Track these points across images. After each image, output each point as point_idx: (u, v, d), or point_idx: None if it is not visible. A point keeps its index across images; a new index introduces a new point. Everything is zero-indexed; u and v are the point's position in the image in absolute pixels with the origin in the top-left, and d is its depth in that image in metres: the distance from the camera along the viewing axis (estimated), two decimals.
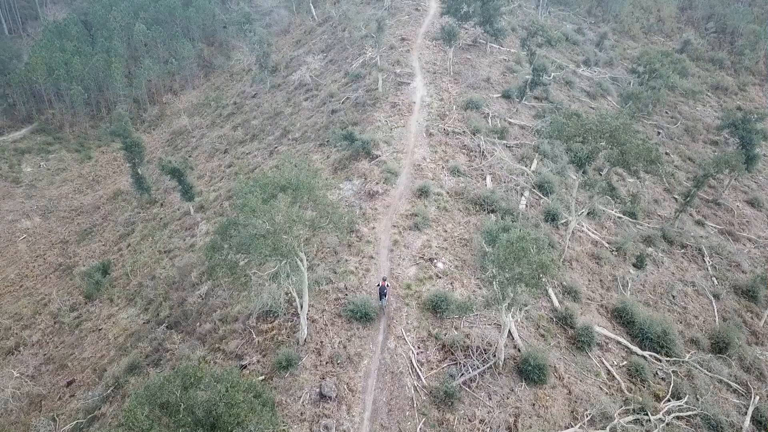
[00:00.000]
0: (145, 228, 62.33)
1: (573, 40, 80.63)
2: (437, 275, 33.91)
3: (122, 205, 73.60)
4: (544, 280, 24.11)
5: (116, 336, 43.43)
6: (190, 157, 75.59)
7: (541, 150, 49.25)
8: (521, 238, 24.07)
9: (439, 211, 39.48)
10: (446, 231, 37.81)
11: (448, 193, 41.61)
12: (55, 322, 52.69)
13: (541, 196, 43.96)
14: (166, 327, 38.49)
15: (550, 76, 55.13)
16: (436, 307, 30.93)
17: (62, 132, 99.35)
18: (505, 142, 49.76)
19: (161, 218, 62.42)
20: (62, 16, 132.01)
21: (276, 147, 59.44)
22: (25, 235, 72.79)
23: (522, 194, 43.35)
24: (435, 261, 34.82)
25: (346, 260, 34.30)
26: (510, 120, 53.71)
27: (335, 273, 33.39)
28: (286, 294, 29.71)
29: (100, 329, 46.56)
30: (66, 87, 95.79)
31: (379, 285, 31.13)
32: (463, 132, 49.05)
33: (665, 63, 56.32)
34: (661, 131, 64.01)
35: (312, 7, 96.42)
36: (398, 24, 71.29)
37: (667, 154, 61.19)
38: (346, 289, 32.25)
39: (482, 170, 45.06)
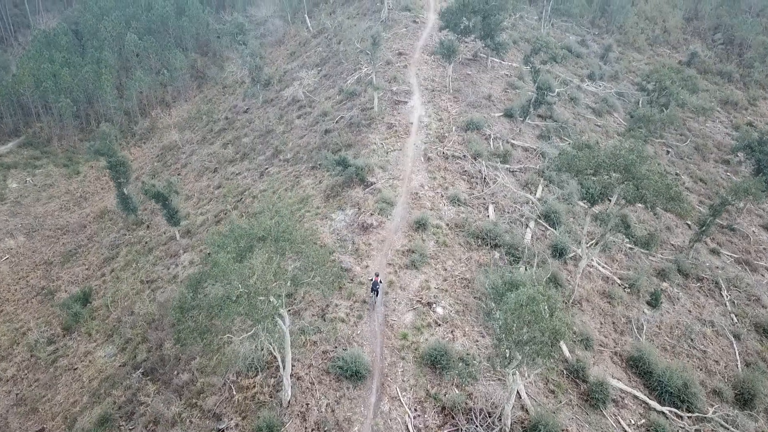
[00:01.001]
0: (129, 252, 59.41)
1: (576, 53, 77.85)
2: (436, 322, 30.92)
3: (108, 226, 70.73)
4: (557, 346, 21.07)
5: (91, 379, 40.40)
6: (179, 175, 72.71)
7: (547, 175, 46.34)
8: (531, 299, 21.10)
9: (438, 246, 36.51)
10: (446, 269, 34.83)
11: (447, 225, 38.64)
12: (31, 356, 49.82)
13: (548, 227, 41.01)
14: (142, 373, 35.49)
15: (554, 93, 52.26)
16: (435, 362, 27.94)
17: (50, 146, 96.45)
18: (508, 166, 46.84)
19: (146, 242, 59.48)
20: (54, 25, 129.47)
21: (266, 168, 56.53)
22: (7, 256, 69.80)
23: (527, 225, 40.40)
24: (434, 305, 31.83)
25: (336, 305, 31.29)
26: (513, 141, 50.81)
27: (323, 320, 30.39)
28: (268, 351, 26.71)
29: (75, 368, 43.55)
30: (54, 99, 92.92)
31: (371, 279, 31.11)
32: (464, 156, 46.12)
33: (676, 80, 53.49)
34: (670, 150, 61.15)
35: (307, 18, 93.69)
36: (395, 37, 68.44)
37: (677, 174, 58.30)
38: (336, 340, 29.24)
39: (484, 199, 42.10)
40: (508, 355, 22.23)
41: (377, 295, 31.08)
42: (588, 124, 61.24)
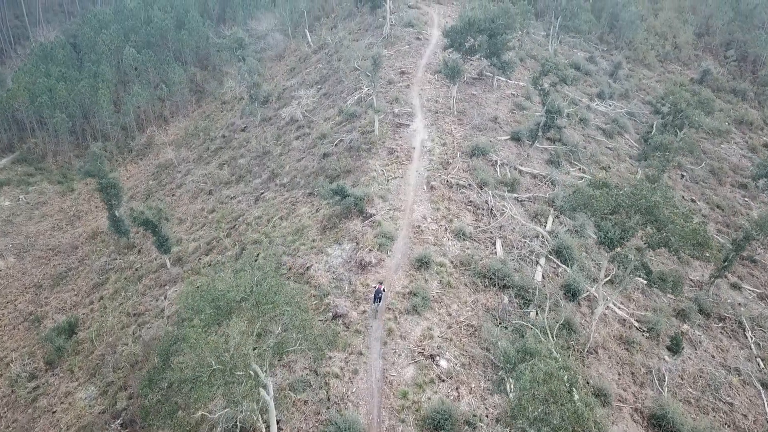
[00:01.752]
0: (118, 280, 56.89)
1: (585, 70, 75.30)
2: (440, 377, 28.16)
3: (100, 248, 68.32)
4: None
5: (69, 425, 37.68)
6: (173, 196, 70.34)
7: (557, 205, 43.66)
8: (549, 376, 18.36)
9: (441, 287, 33.80)
10: (450, 315, 32.10)
11: (452, 262, 35.94)
12: (12, 391, 47.28)
13: (559, 264, 38.24)
14: (121, 425, 32.80)
15: (564, 116, 49.66)
16: (439, 426, 25.16)
17: (45, 162, 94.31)
18: (516, 195, 44.18)
19: (137, 269, 56.94)
20: (53, 37, 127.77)
21: (262, 192, 54.01)
22: None
23: (537, 262, 37.67)
24: (437, 358, 29.08)
25: (330, 357, 28.55)
26: (521, 168, 48.18)
27: (316, 374, 27.66)
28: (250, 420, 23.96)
29: (54, 411, 40.85)
30: (49, 114, 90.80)
31: (375, 287, 31.01)
32: (469, 185, 43.47)
33: (692, 102, 50.81)
34: (685, 174, 58.45)
35: (308, 33, 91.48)
36: (397, 55, 66.03)
37: (693, 201, 55.55)
38: (329, 399, 26.51)
39: (491, 233, 39.39)
40: None
41: (380, 303, 30.93)
42: (599, 146, 58.58)
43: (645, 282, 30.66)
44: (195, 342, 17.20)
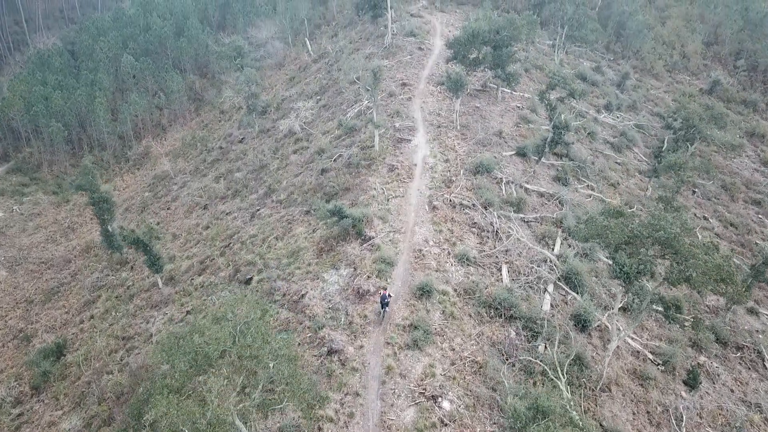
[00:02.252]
0: (109, 298, 55.03)
1: (592, 81, 73.37)
2: (442, 420, 26.13)
3: (93, 262, 66.64)
4: None
5: None
6: (168, 209, 68.53)
7: (566, 226, 41.67)
8: None
9: (444, 319, 31.80)
10: (453, 349, 30.08)
11: (455, 290, 33.94)
12: None
13: (569, 291, 36.20)
14: None
15: (572, 131, 47.69)
16: None
17: (40, 172, 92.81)
18: (522, 216, 42.19)
19: (129, 286, 55.07)
20: (53, 43, 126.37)
21: (258, 209, 52.13)
22: None
23: (545, 289, 35.65)
24: (440, 399, 27.05)
25: (324, 398, 26.54)
26: (527, 186, 46.20)
27: (308, 419, 25.60)
28: None
29: None
30: (45, 123, 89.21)
31: (380, 293, 31.13)
32: (473, 205, 41.49)
33: (705, 117, 48.85)
34: (696, 190, 56.38)
35: (308, 41, 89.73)
36: (399, 66, 64.17)
37: (705, 218, 53.51)
38: None
39: (496, 257, 37.38)
40: None
41: (387, 308, 31.05)
42: (607, 161, 56.61)
43: (663, 316, 28.56)
44: (165, 411, 15.25)
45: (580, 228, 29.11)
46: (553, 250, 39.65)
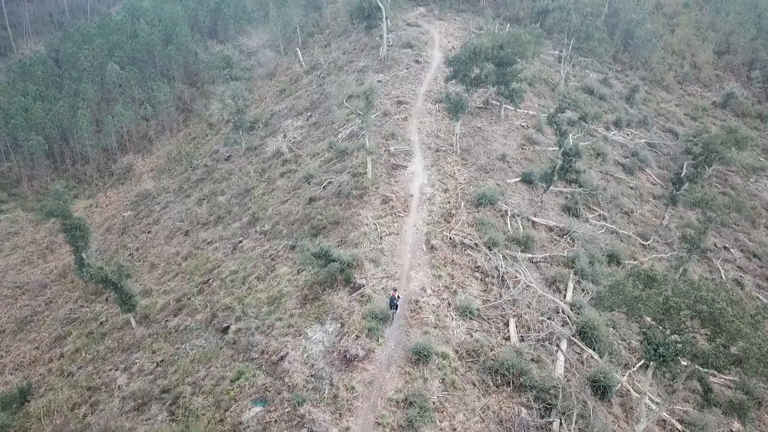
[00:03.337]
0: (81, 335, 50.81)
1: (599, 94, 69.23)
2: None
3: (69, 289, 62.64)
4: None
5: None
6: (148, 233, 64.23)
7: (578, 268, 37.49)
8: None
9: (444, 389, 27.56)
10: (455, 429, 25.84)
11: (456, 352, 29.72)
12: None
13: (584, 347, 31.99)
14: None
15: (582, 158, 43.48)
16: None
17: (19, 187, 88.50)
18: (530, 255, 37.99)
19: (102, 322, 50.85)
20: (36, 51, 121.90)
21: (240, 240, 47.92)
22: None
23: (557, 346, 31.43)
24: None
25: None
26: (534, 219, 42.00)
27: None
28: None
29: None
30: (24, 137, 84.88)
31: (390, 295, 30.78)
32: (475, 245, 37.26)
33: (728, 140, 44.72)
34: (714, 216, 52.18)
35: (299, 52, 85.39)
36: (394, 81, 59.93)
37: (726, 248, 49.41)
38: None
39: (503, 308, 33.15)
40: None
41: (396, 310, 30.72)
42: (619, 185, 52.51)
43: (704, 402, 24.30)
44: None
45: (605, 296, 24.91)
46: (565, 297, 35.45)
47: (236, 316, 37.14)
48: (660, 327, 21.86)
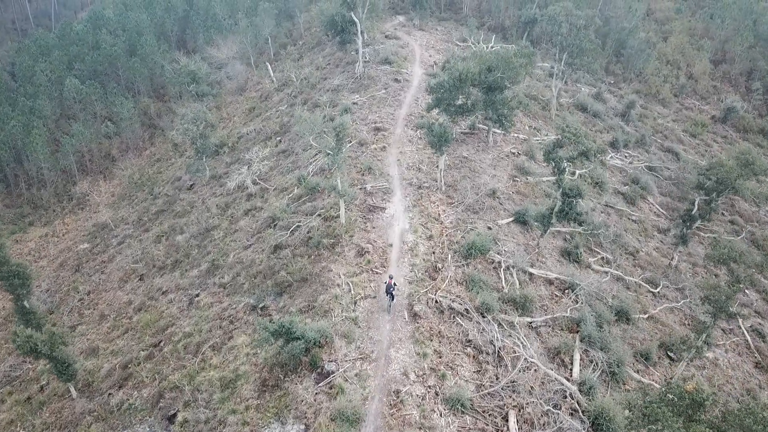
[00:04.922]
0: (18, 401, 44.54)
1: (593, 111, 64.31)
2: None
3: (11, 341, 55.88)
4: None
5: None
6: (102, 272, 57.93)
7: (585, 334, 32.26)
8: None
9: None
10: None
11: None
12: None
13: None
14: None
15: (584, 198, 38.23)
16: None
17: None
18: (529, 319, 32.67)
19: (42, 386, 44.68)
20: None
21: (198, 294, 42.07)
22: None
23: None
24: None
25: None
26: (531, 270, 36.67)
27: None
28: None
29: None
30: None
31: (386, 282, 30.60)
32: (466, 311, 31.82)
33: (744, 173, 39.94)
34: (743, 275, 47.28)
35: (269, 67, 79.21)
36: (371, 102, 54.30)
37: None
38: None
39: (500, 396, 27.73)
40: None
41: (393, 299, 30.45)
42: (621, 220, 47.51)
43: None
44: None
45: (634, 421, 19.59)
46: (571, 373, 30.16)
47: (185, 401, 31.37)
48: None
